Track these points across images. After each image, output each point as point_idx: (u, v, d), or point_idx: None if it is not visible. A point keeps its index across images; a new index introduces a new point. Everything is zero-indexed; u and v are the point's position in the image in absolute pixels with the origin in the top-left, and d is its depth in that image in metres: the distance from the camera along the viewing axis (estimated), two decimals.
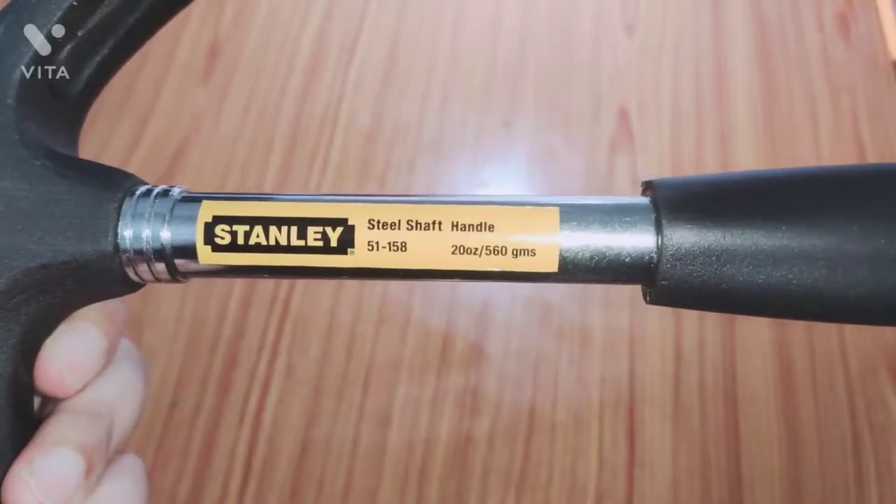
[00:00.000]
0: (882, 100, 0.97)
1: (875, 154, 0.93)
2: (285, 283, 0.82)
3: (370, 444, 0.76)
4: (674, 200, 0.19)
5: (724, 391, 0.79)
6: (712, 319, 0.82)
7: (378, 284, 0.82)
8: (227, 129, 0.92)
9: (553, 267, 0.19)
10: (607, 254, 0.19)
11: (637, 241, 0.19)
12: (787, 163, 0.92)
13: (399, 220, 0.19)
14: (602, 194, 0.90)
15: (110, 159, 0.82)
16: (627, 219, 0.19)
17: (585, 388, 0.79)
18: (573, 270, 0.19)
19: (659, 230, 0.19)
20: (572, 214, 0.19)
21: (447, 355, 0.80)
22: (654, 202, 0.19)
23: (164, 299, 0.81)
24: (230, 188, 0.87)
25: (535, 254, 0.19)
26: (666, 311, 0.82)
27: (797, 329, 0.82)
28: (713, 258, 0.18)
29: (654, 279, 0.19)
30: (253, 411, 0.76)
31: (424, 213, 0.19)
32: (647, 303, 0.20)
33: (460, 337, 0.81)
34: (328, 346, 0.80)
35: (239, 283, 0.82)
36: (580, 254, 0.19)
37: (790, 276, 0.18)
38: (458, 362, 0.80)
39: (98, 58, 0.22)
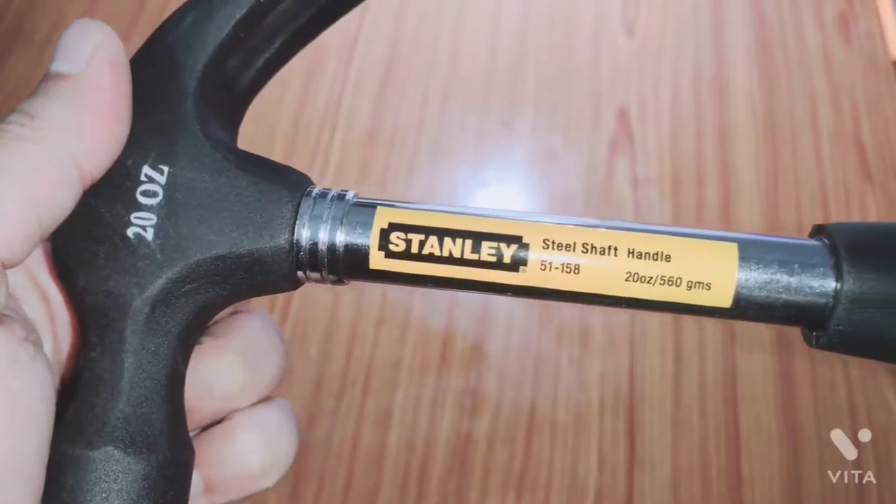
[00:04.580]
0: (882, 100, 0.97)
1: (875, 154, 0.93)
2: None
3: (370, 444, 0.76)
4: (854, 246, 0.19)
5: (723, 390, 0.79)
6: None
7: (378, 284, 0.82)
8: None
9: (727, 303, 0.19)
10: (783, 294, 0.19)
11: (815, 283, 0.19)
12: (787, 163, 0.92)
13: (574, 243, 0.19)
14: (602, 194, 0.91)
15: None
16: (808, 260, 0.19)
17: (585, 388, 0.79)
18: (745, 308, 0.19)
19: (839, 275, 0.18)
20: (751, 251, 0.19)
21: (447, 355, 0.80)
22: (832, 246, 0.19)
23: None
24: None
25: (710, 288, 0.19)
26: None
27: (797, 329, 0.82)
28: (891, 306, 0.18)
29: (826, 324, 0.19)
30: None
31: (600, 238, 0.19)
32: (813, 346, 0.20)
33: (460, 337, 0.81)
34: (328, 347, 0.80)
35: None
36: (756, 291, 0.19)
37: None
38: (458, 362, 0.80)
39: (267, 54, 0.23)
